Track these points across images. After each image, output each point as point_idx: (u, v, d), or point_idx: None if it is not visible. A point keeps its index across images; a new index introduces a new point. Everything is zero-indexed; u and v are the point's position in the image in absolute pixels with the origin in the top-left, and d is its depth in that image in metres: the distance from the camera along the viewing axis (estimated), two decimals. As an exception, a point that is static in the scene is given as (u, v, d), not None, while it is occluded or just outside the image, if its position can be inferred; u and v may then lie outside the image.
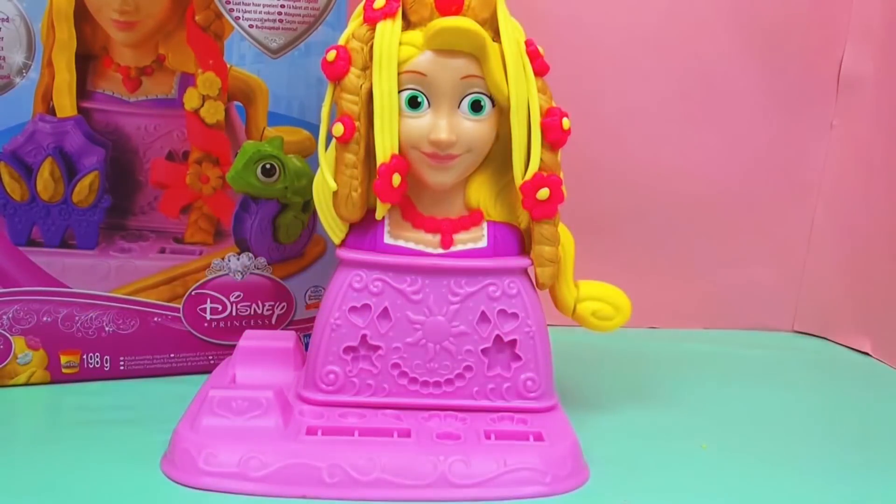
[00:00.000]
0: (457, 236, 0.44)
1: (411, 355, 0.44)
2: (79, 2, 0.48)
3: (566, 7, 0.65)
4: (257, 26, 0.51)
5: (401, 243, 0.44)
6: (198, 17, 0.50)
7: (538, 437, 0.41)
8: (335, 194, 0.43)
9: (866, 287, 0.67)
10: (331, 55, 0.42)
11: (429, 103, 0.42)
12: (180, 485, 0.38)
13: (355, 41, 0.42)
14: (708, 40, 0.67)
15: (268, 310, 0.55)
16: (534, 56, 0.43)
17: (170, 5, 0.50)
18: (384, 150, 0.42)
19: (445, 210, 0.44)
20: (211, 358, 0.54)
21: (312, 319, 0.50)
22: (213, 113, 0.51)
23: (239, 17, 0.50)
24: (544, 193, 0.43)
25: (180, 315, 0.53)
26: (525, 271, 0.45)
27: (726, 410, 0.52)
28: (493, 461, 0.39)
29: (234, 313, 0.54)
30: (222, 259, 0.54)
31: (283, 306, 0.56)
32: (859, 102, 0.67)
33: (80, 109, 0.49)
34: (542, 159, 0.43)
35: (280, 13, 0.51)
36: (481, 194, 0.45)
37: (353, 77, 0.42)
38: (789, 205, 0.71)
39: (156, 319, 0.53)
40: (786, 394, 0.56)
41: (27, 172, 0.49)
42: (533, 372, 0.45)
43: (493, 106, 0.43)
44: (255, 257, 0.54)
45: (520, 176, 0.43)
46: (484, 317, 0.44)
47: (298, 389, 0.45)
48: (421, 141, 0.42)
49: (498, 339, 0.44)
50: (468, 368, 0.44)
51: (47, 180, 0.49)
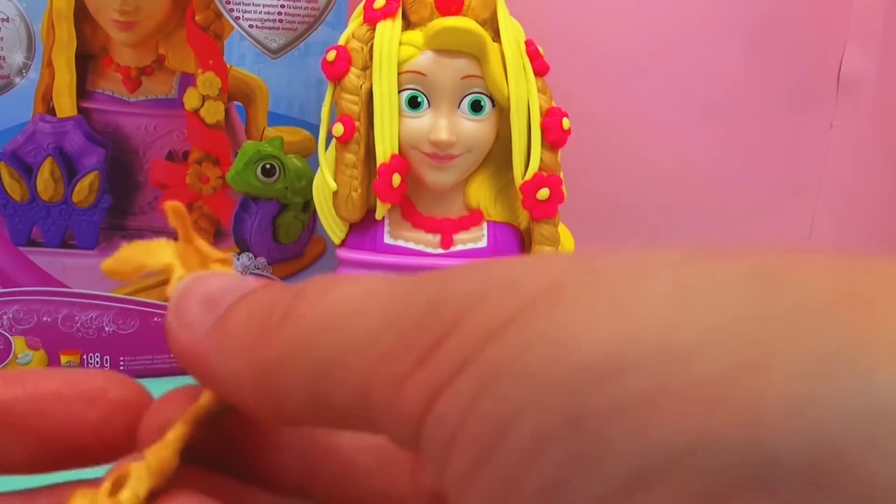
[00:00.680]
0: (457, 236, 0.44)
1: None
2: (79, 2, 0.48)
3: (566, 7, 0.65)
4: (257, 26, 0.51)
5: (401, 243, 0.44)
6: (198, 17, 0.50)
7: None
8: (335, 194, 0.43)
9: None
10: (331, 55, 0.42)
11: (429, 103, 0.42)
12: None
13: (355, 41, 0.42)
14: (708, 40, 0.67)
15: (268, 310, 0.55)
16: (534, 56, 0.43)
17: (170, 5, 0.50)
18: (384, 150, 0.42)
19: (445, 210, 0.44)
20: (211, 358, 0.54)
21: (312, 319, 0.50)
22: (213, 113, 0.51)
23: (239, 17, 0.50)
24: (544, 193, 0.43)
25: (180, 315, 0.53)
26: (525, 271, 0.45)
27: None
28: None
29: (234, 313, 0.54)
30: (222, 259, 0.54)
31: (283, 306, 0.55)
32: (859, 102, 0.67)
33: (80, 109, 0.49)
34: (542, 159, 0.43)
35: (280, 13, 0.51)
36: (481, 194, 0.45)
37: (353, 77, 0.42)
38: (789, 205, 0.71)
39: (156, 319, 0.53)
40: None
41: (27, 172, 0.49)
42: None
43: (493, 106, 0.43)
44: (256, 257, 0.54)
45: (520, 176, 0.43)
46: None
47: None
48: (421, 141, 0.42)
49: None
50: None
51: (47, 180, 0.49)
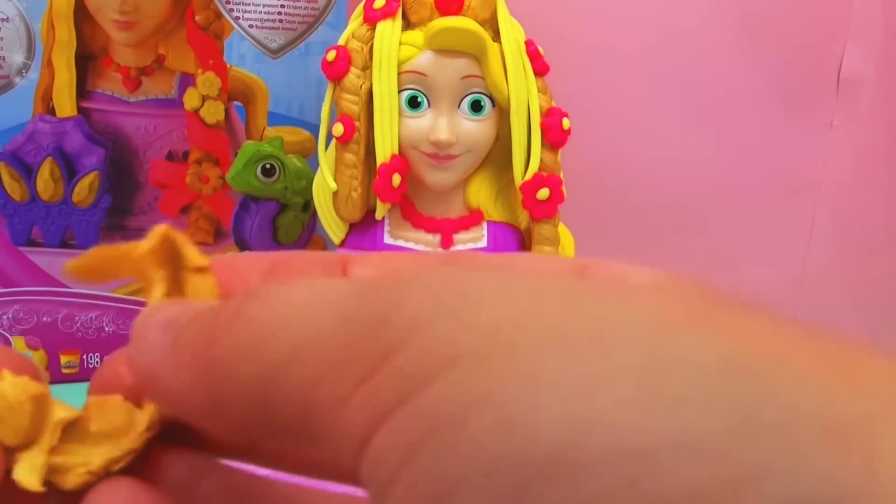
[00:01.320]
0: (457, 236, 0.44)
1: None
2: (79, 2, 0.48)
3: (566, 7, 0.65)
4: (257, 26, 0.51)
5: (401, 243, 0.44)
6: (198, 17, 0.50)
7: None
8: (335, 194, 0.43)
9: (866, 287, 0.67)
10: (331, 55, 0.42)
11: (429, 103, 0.42)
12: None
13: (355, 41, 0.42)
14: (708, 40, 0.67)
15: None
16: (534, 56, 0.43)
17: (170, 5, 0.50)
18: (384, 150, 0.42)
19: (445, 210, 0.44)
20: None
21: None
22: (213, 113, 0.51)
23: (239, 17, 0.50)
24: (544, 193, 0.43)
25: (180, 315, 0.53)
26: (525, 271, 0.45)
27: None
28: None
29: (234, 313, 0.54)
30: (222, 259, 0.54)
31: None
32: (859, 102, 0.67)
33: (80, 109, 0.49)
34: (542, 159, 0.43)
35: (280, 13, 0.51)
36: (481, 194, 0.45)
37: (353, 77, 0.42)
38: (789, 205, 0.71)
39: (156, 319, 0.53)
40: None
41: (27, 172, 0.49)
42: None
43: (493, 106, 0.43)
44: (255, 257, 0.54)
45: (520, 176, 0.43)
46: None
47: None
48: (421, 141, 0.42)
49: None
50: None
51: (47, 180, 0.49)
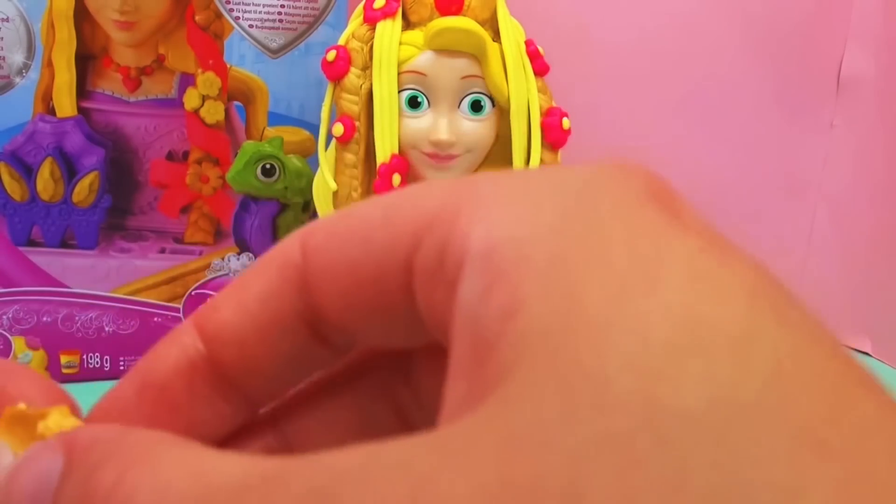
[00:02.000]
0: (457, 236, 0.44)
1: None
2: (79, 2, 0.48)
3: (567, 7, 0.65)
4: (257, 26, 0.51)
5: (401, 243, 0.44)
6: (198, 17, 0.50)
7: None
8: (335, 194, 0.43)
9: (866, 287, 0.67)
10: (331, 55, 0.42)
11: (429, 103, 0.42)
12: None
13: (355, 41, 0.42)
14: (708, 40, 0.67)
15: (268, 310, 0.55)
16: (534, 56, 0.43)
17: (170, 5, 0.50)
18: (384, 151, 0.42)
19: (445, 210, 0.44)
20: (211, 358, 0.54)
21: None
22: (213, 113, 0.51)
23: (239, 17, 0.50)
24: (544, 193, 0.43)
25: (180, 315, 0.53)
26: (525, 271, 0.45)
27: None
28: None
29: (234, 313, 0.54)
30: (222, 259, 0.54)
31: (283, 306, 0.55)
32: (859, 102, 0.67)
33: (80, 109, 0.49)
34: (542, 159, 0.43)
35: (280, 13, 0.51)
36: (481, 194, 0.45)
37: (353, 77, 0.42)
38: (789, 205, 0.71)
39: (156, 319, 0.53)
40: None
41: (27, 172, 0.49)
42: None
43: (493, 106, 0.43)
44: (255, 257, 0.54)
45: (520, 176, 0.43)
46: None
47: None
48: (421, 141, 0.42)
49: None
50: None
51: (47, 180, 0.49)
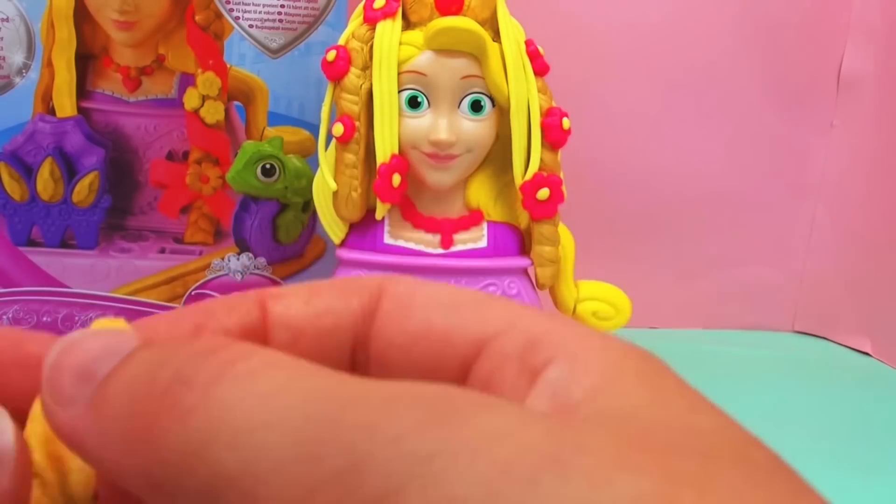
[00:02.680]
0: (457, 236, 0.44)
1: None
2: (79, 2, 0.48)
3: (567, 7, 0.65)
4: (257, 26, 0.51)
5: (401, 243, 0.44)
6: (198, 17, 0.50)
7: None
8: (335, 194, 0.43)
9: (866, 287, 0.67)
10: (331, 55, 0.42)
11: (429, 103, 0.42)
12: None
13: (355, 41, 0.42)
14: (708, 40, 0.67)
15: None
16: (534, 56, 0.43)
17: (170, 5, 0.50)
18: (384, 150, 0.42)
19: (445, 210, 0.44)
20: (211, 358, 0.54)
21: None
22: (213, 113, 0.51)
23: (239, 17, 0.50)
24: (544, 193, 0.43)
25: (180, 315, 0.53)
26: (525, 271, 0.45)
27: (726, 410, 0.52)
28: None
29: (234, 313, 0.54)
30: (222, 259, 0.54)
31: (283, 306, 0.55)
32: (859, 102, 0.67)
33: (80, 109, 0.49)
34: (542, 159, 0.43)
35: (280, 13, 0.51)
36: (481, 194, 0.45)
37: (353, 77, 0.42)
38: (789, 205, 0.71)
39: (156, 319, 0.53)
40: (786, 394, 0.56)
41: (27, 172, 0.49)
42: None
43: (493, 106, 0.43)
44: (255, 257, 0.54)
45: (520, 176, 0.43)
46: (484, 317, 0.44)
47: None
48: (421, 141, 0.42)
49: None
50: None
51: (47, 180, 0.49)
